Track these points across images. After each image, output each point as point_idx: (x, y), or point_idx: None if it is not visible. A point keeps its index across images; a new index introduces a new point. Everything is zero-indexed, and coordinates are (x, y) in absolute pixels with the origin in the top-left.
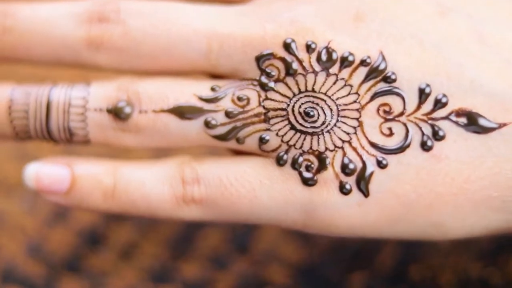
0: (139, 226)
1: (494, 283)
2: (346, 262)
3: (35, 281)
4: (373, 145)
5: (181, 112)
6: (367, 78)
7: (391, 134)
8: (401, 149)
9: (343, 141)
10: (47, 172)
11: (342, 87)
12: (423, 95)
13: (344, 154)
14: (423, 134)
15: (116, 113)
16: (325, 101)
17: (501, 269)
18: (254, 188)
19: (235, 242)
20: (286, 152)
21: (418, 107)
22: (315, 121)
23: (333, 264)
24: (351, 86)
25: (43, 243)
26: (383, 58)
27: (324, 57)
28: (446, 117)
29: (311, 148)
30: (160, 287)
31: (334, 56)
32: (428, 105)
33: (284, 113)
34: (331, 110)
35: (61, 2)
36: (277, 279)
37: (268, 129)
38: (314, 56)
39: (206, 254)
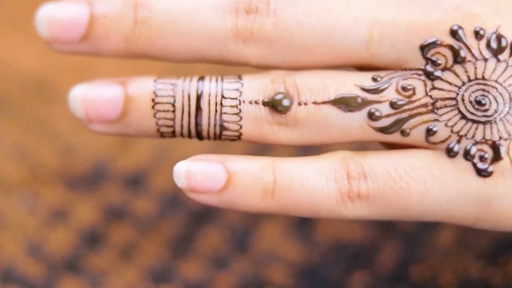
0: (139, 225)
1: (494, 284)
2: (346, 262)
3: (35, 281)
4: None
5: (344, 103)
6: None
7: None
8: None
9: None
10: (199, 169)
11: None
12: None
13: None
14: None
15: (274, 106)
16: (496, 88)
17: (502, 269)
18: (425, 181)
19: (236, 241)
20: (457, 142)
21: None
22: (487, 110)
23: (333, 264)
24: None
25: (43, 243)
26: None
27: (493, 43)
28: None
29: (484, 137)
30: (161, 287)
31: (504, 42)
32: None
33: (453, 102)
34: (502, 97)
35: None
36: (278, 279)
37: (436, 120)
38: (483, 42)
39: (206, 253)
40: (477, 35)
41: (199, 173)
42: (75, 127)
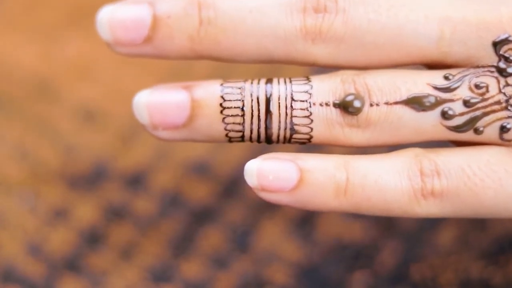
0: (139, 225)
1: (495, 283)
2: (347, 261)
3: (35, 281)
4: None
5: (417, 103)
6: None
7: None
8: None
9: None
10: (271, 168)
11: None
12: None
13: None
14: None
15: (345, 107)
16: None
17: (503, 269)
18: (500, 177)
19: (236, 241)
20: None
21: None
22: None
23: (333, 263)
24: None
25: (43, 243)
26: None
27: None
28: None
29: None
30: (161, 286)
31: None
32: None
33: None
34: None
35: None
36: (278, 278)
37: (510, 117)
38: None
39: (206, 253)
40: None
41: (271, 172)
42: (76, 126)
